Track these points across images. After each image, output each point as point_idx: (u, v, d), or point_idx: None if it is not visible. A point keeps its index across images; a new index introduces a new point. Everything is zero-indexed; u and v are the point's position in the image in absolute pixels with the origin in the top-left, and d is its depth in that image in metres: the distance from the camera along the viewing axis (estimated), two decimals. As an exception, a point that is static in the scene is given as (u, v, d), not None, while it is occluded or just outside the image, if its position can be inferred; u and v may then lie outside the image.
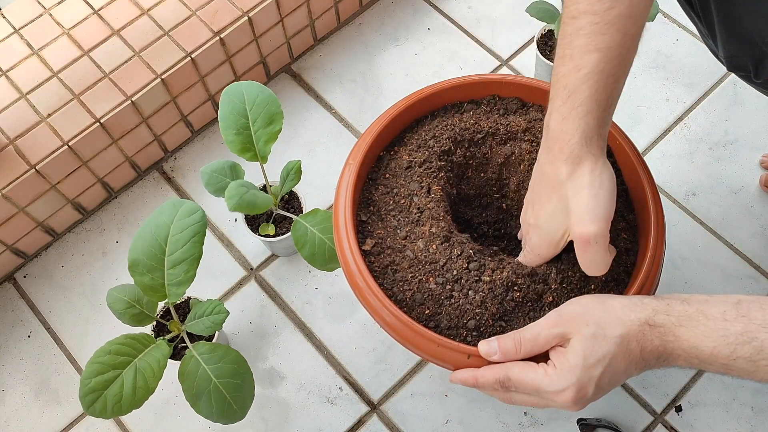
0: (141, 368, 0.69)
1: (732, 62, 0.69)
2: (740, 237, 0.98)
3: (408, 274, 0.65)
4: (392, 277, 0.65)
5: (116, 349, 0.70)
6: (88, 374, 0.67)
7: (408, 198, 0.69)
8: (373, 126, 0.72)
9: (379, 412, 0.89)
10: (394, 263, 0.66)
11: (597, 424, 0.86)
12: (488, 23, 1.14)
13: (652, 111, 1.07)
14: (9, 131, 0.89)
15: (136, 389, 0.68)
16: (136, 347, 0.71)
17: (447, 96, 0.75)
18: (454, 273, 0.64)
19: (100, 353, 0.69)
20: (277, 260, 0.98)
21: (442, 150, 0.71)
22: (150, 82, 0.93)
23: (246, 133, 0.79)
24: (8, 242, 0.94)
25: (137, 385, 0.68)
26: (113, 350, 0.69)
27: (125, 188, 1.04)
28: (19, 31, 0.96)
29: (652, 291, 0.64)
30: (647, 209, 0.67)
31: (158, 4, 0.98)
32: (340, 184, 0.69)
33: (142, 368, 0.69)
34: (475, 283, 0.63)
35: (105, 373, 0.68)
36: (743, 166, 1.02)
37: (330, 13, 1.10)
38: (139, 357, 0.70)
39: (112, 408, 0.67)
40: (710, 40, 0.71)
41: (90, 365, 0.68)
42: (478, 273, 0.63)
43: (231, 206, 0.75)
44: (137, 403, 0.68)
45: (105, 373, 0.68)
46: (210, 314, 0.75)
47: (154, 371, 0.69)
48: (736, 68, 0.70)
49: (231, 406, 0.70)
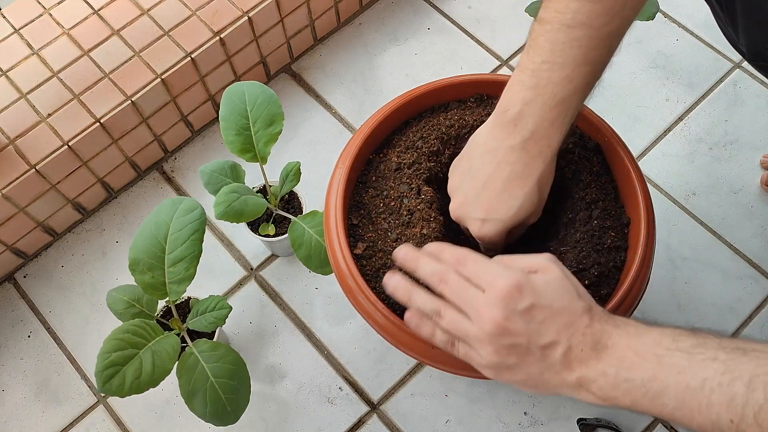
0: (157, 350, 0.70)
1: (753, 50, 0.68)
2: (740, 237, 0.98)
3: None
4: None
5: (133, 329, 0.70)
6: (107, 349, 0.67)
7: (398, 200, 0.69)
8: (361, 129, 0.72)
9: (379, 412, 0.89)
10: (386, 266, 0.66)
11: (597, 424, 0.86)
12: (488, 23, 1.14)
13: (652, 111, 1.07)
14: (9, 131, 0.90)
15: (155, 367, 0.68)
16: (149, 332, 0.71)
17: (433, 97, 0.75)
18: None
19: (119, 331, 0.69)
20: (277, 260, 0.98)
21: (430, 151, 0.72)
22: (150, 82, 0.93)
23: (246, 133, 0.79)
24: (8, 242, 0.94)
25: (156, 363, 0.68)
26: (131, 330, 0.69)
27: (125, 188, 1.04)
28: (19, 31, 0.96)
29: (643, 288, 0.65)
30: (637, 205, 0.67)
31: (158, 4, 0.98)
32: (331, 188, 0.69)
33: (158, 350, 0.70)
34: None
35: (125, 350, 0.67)
36: (743, 166, 1.02)
37: (330, 13, 1.10)
38: (153, 342, 0.71)
39: (131, 385, 0.66)
40: (730, 28, 0.70)
41: (108, 341, 0.67)
42: None
43: (218, 214, 0.75)
44: (156, 381, 0.68)
45: (124, 349, 0.68)
46: (212, 310, 0.75)
47: (169, 354, 0.70)
48: (758, 57, 0.69)
49: (225, 408, 0.70)
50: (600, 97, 1.07)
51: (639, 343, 0.48)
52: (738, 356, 0.44)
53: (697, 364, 0.45)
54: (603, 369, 0.48)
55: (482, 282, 0.52)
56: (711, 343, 0.46)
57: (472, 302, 0.52)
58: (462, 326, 0.52)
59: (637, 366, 0.47)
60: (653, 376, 0.46)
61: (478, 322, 0.51)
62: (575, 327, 0.50)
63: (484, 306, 0.51)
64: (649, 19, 0.89)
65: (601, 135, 0.72)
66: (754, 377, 0.42)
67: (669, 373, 0.46)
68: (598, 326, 0.50)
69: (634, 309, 0.64)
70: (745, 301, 0.94)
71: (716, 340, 0.46)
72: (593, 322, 0.50)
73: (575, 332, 0.50)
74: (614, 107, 1.07)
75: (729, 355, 0.44)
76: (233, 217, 0.76)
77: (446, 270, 0.55)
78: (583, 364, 0.49)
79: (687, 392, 0.45)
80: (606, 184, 0.70)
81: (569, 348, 0.49)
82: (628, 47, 1.11)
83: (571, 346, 0.49)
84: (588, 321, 0.50)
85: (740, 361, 0.44)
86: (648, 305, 0.93)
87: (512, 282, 0.50)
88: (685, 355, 0.46)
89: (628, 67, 1.10)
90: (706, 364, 0.44)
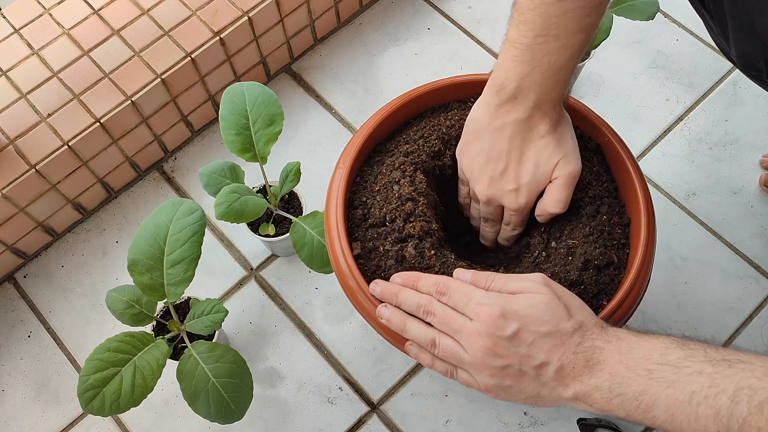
0: (140, 366, 0.69)
1: (744, 61, 0.70)
2: (740, 237, 0.98)
3: None
4: None
5: (115, 346, 0.69)
6: (87, 371, 0.67)
7: (399, 200, 0.69)
8: (362, 129, 0.72)
9: (379, 412, 0.89)
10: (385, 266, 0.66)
11: (597, 424, 0.86)
12: (488, 23, 1.14)
13: (652, 111, 1.07)
14: (9, 131, 0.90)
15: (135, 387, 0.68)
16: (135, 345, 0.71)
17: (434, 97, 0.75)
18: None
19: (100, 350, 0.69)
20: (277, 260, 0.98)
21: (432, 150, 0.72)
22: (150, 82, 0.93)
23: (246, 133, 0.79)
24: (8, 242, 0.94)
25: (136, 383, 0.68)
26: (113, 347, 0.69)
27: (125, 188, 1.04)
28: (19, 31, 0.96)
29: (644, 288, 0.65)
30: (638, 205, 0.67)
31: (158, 4, 0.98)
32: (331, 188, 0.69)
33: (142, 366, 0.69)
34: None
35: (104, 371, 0.68)
36: (743, 166, 1.02)
37: (330, 13, 1.10)
38: (138, 355, 0.70)
39: (110, 406, 0.67)
40: (722, 38, 0.71)
41: (89, 362, 0.68)
42: None
43: (218, 214, 0.75)
44: (135, 401, 0.68)
45: (104, 370, 0.68)
46: (209, 313, 0.75)
47: (153, 369, 0.69)
48: (748, 67, 0.70)
49: (229, 406, 0.70)
50: (600, 97, 1.07)
51: (630, 358, 0.50)
52: (724, 369, 0.46)
53: (684, 378, 0.47)
54: (596, 384, 0.50)
55: (468, 311, 0.55)
56: (698, 355, 0.48)
57: (461, 331, 0.54)
58: (457, 355, 0.55)
59: (628, 381, 0.49)
60: (644, 390, 0.48)
61: (470, 350, 0.54)
62: (566, 346, 0.52)
63: (473, 335, 0.53)
64: (649, 19, 0.88)
65: (601, 135, 0.72)
66: (738, 390, 0.44)
67: (659, 388, 0.48)
68: (589, 344, 0.52)
69: (635, 309, 0.64)
70: (745, 301, 0.94)
71: (703, 352, 0.48)
72: (585, 339, 0.52)
73: (566, 351, 0.52)
74: (614, 107, 1.07)
75: (715, 368, 0.46)
76: (234, 218, 0.76)
77: (429, 301, 0.58)
78: (576, 381, 0.51)
79: (676, 405, 0.47)
80: (606, 183, 0.70)
81: (561, 366, 0.52)
82: (628, 47, 1.12)
83: (563, 365, 0.52)
84: (579, 339, 0.52)
85: (725, 374, 0.46)
86: (648, 305, 0.93)
87: (495, 311, 0.53)
88: (673, 369, 0.48)
89: (628, 67, 1.10)
90: (693, 378, 0.47)
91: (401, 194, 0.68)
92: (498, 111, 0.63)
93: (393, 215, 0.68)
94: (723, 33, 0.70)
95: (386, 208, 0.68)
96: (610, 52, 1.11)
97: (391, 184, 0.70)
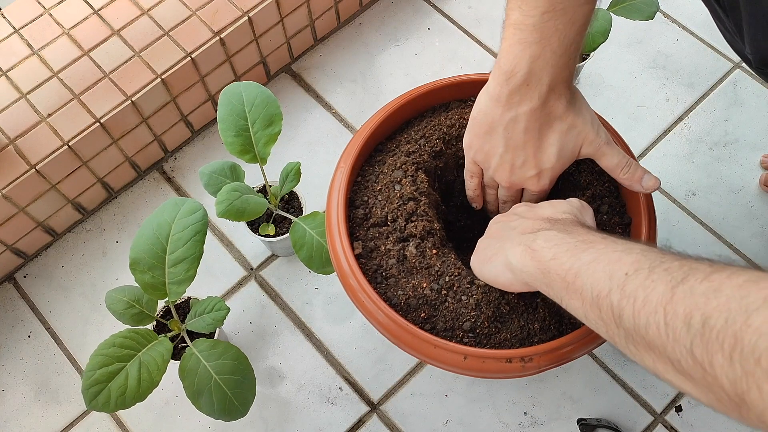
0: (145, 362, 0.69)
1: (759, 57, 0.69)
2: (740, 237, 0.98)
3: (401, 279, 0.65)
4: (385, 281, 0.66)
5: (120, 342, 0.69)
6: (92, 366, 0.67)
7: (400, 200, 0.69)
8: (363, 129, 0.72)
9: (379, 412, 0.89)
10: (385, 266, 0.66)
11: (597, 424, 0.86)
12: (488, 23, 1.14)
13: (652, 111, 1.07)
14: (9, 131, 0.89)
15: (141, 381, 0.68)
16: (139, 341, 0.71)
17: (434, 97, 0.75)
18: (447, 279, 0.64)
19: (104, 346, 0.68)
20: (277, 260, 0.98)
21: (433, 150, 0.72)
22: (150, 82, 0.93)
23: (245, 134, 0.79)
24: (8, 242, 0.94)
25: (142, 378, 0.68)
26: (117, 343, 0.69)
27: (125, 188, 1.04)
28: (19, 31, 0.96)
29: None
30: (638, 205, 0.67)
31: (158, 4, 0.98)
32: (332, 188, 0.69)
33: (146, 362, 0.69)
34: (467, 287, 0.64)
35: (109, 365, 0.67)
36: (743, 166, 1.02)
37: (330, 13, 1.10)
38: (143, 351, 0.70)
39: (116, 401, 0.66)
40: (736, 36, 0.70)
41: (94, 357, 0.67)
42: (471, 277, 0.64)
43: (219, 212, 0.75)
44: (142, 395, 0.68)
45: (109, 365, 0.67)
46: (211, 311, 0.75)
47: (158, 364, 0.69)
48: (764, 65, 0.69)
49: (232, 403, 0.70)
50: (600, 97, 1.08)
51: None
52: None
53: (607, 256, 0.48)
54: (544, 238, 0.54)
55: None
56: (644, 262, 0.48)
57: None
58: None
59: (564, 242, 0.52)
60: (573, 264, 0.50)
61: None
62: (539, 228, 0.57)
63: None
64: (649, 19, 0.89)
65: None
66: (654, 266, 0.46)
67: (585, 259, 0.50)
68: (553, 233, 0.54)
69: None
70: (745, 301, 0.94)
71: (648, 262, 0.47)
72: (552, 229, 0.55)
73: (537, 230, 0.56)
74: (614, 107, 1.07)
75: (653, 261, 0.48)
76: (234, 216, 0.76)
77: None
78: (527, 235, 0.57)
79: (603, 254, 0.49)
80: (607, 183, 0.71)
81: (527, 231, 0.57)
82: (628, 47, 1.12)
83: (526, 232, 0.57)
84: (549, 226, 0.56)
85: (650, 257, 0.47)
86: (648, 305, 0.93)
87: None
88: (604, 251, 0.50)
89: (628, 67, 1.10)
90: (618, 256, 0.48)
91: (403, 194, 0.68)
92: (509, 101, 0.61)
93: (395, 215, 0.68)
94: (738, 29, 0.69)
95: (388, 208, 0.68)
96: (610, 52, 1.11)
97: (392, 183, 0.70)
